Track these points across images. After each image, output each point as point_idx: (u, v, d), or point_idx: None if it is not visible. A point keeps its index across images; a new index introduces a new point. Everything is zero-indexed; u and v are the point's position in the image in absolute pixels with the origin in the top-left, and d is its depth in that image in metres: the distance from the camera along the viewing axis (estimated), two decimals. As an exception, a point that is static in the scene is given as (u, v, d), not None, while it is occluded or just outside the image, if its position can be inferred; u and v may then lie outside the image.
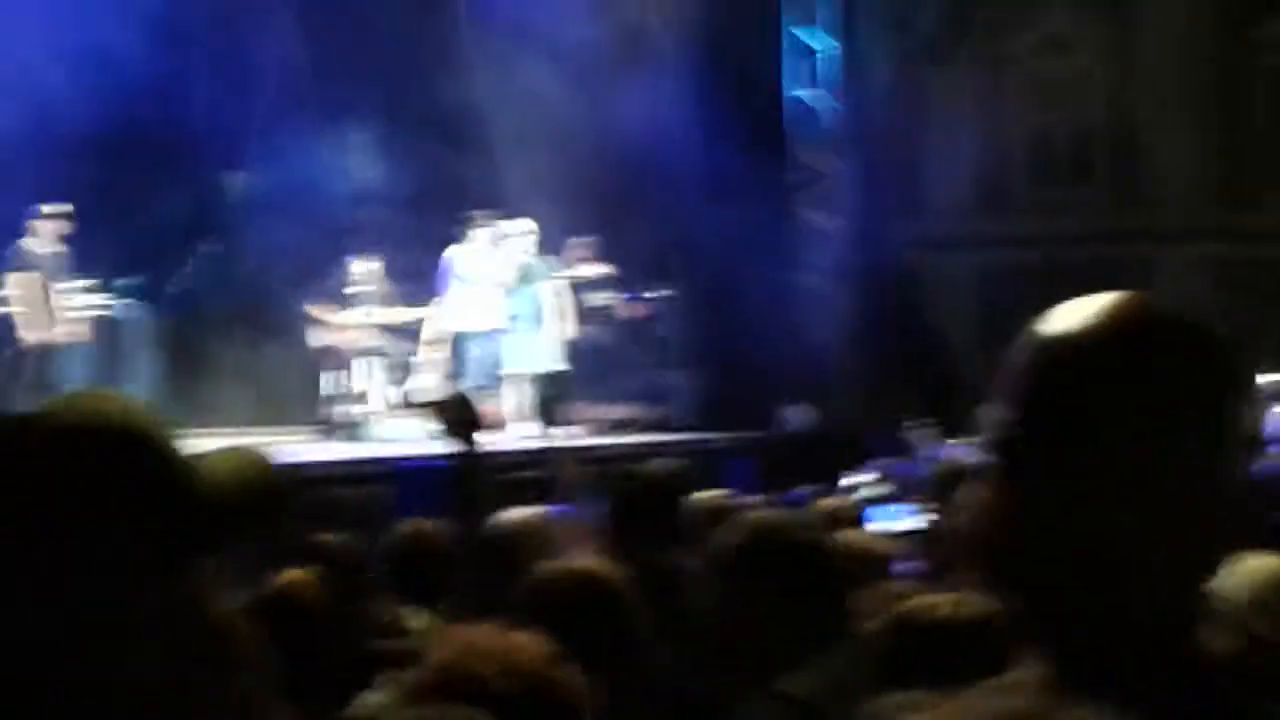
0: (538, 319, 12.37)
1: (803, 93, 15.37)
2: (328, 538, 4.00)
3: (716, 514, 4.03)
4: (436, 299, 12.68)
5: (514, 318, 12.31)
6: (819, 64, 15.32)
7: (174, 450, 1.43)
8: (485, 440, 4.22)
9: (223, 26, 13.39)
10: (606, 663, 2.50)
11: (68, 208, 10.92)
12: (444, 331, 12.48)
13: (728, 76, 13.76)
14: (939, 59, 15.28)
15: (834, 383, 14.33)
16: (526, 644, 2.12)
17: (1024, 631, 1.18)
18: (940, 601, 2.53)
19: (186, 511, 1.41)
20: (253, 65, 13.60)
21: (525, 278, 12.32)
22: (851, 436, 11.81)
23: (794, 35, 15.33)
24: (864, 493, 6.54)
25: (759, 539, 2.82)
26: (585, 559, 3.14)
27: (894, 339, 14.06)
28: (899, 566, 4.20)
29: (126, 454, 1.40)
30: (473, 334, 12.26)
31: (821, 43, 15.28)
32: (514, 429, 12.07)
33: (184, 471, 1.42)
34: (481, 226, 12.36)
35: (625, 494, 4.30)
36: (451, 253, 12.35)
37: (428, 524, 4.32)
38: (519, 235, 12.37)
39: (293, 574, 3.35)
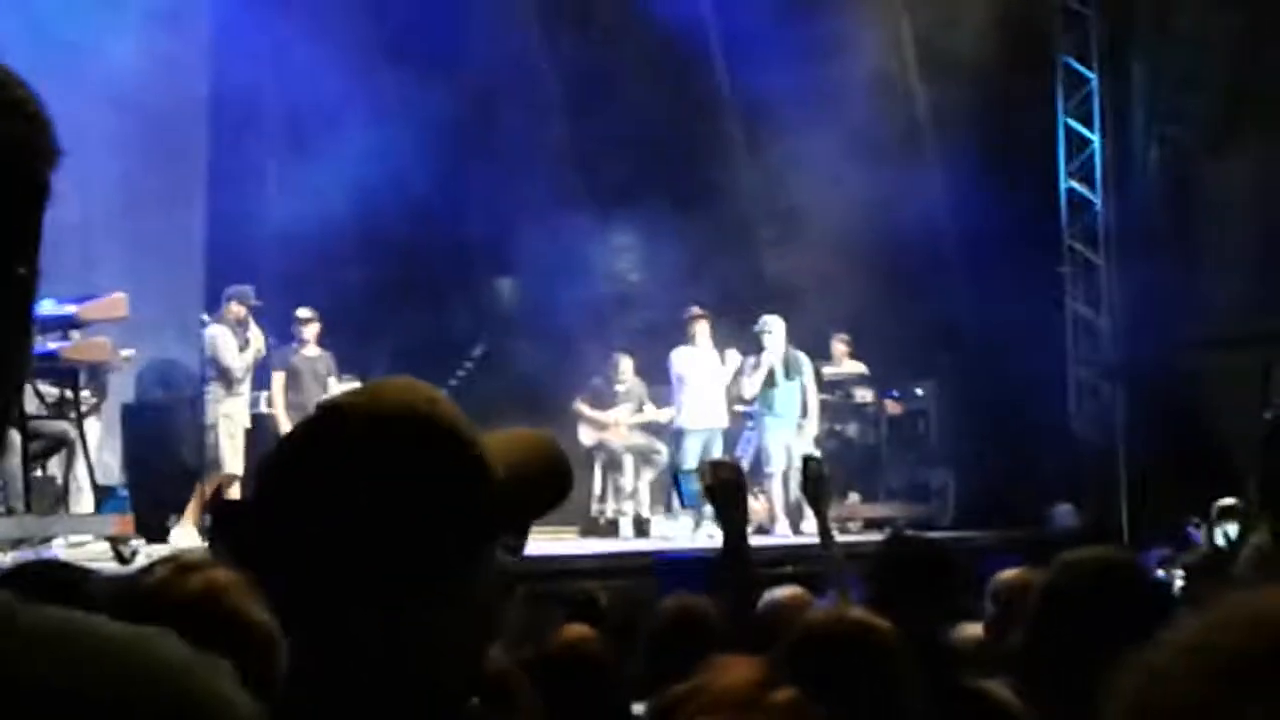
0: (800, 413, 12.43)
1: (1076, 184, 15.12)
2: (601, 594, 4.02)
3: (1023, 587, 3.88)
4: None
5: (776, 413, 12.37)
6: (1094, 155, 15.05)
7: (473, 433, 1.45)
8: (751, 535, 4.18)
9: (495, 140, 13.93)
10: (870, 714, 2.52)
11: (314, 312, 11.56)
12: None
13: (1003, 166, 13.60)
14: (1216, 149, 14.80)
15: (1103, 482, 13.90)
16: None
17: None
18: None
19: (488, 493, 1.44)
20: (521, 170, 14.11)
21: (789, 373, 12.39)
22: (1119, 537, 11.44)
23: (1069, 126, 15.12)
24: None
25: (1103, 576, 2.78)
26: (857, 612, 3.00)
27: (1168, 439, 13.57)
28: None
29: (437, 437, 1.42)
30: (693, 430, 12.37)
31: (1096, 134, 15.03)
32: (777, 525, 12.13)
33: (484, 454, 1.44)
34: (699, 320, 12.47)
35: (894, 558, 4.03)
36: (676, 353, 12.51)
37: (695, 599, 4.29)
38: (769, 332, 12.45)
39: (576, 629, 3.37)
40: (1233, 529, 9.05)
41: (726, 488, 4.13)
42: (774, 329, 12.47)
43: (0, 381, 0.84)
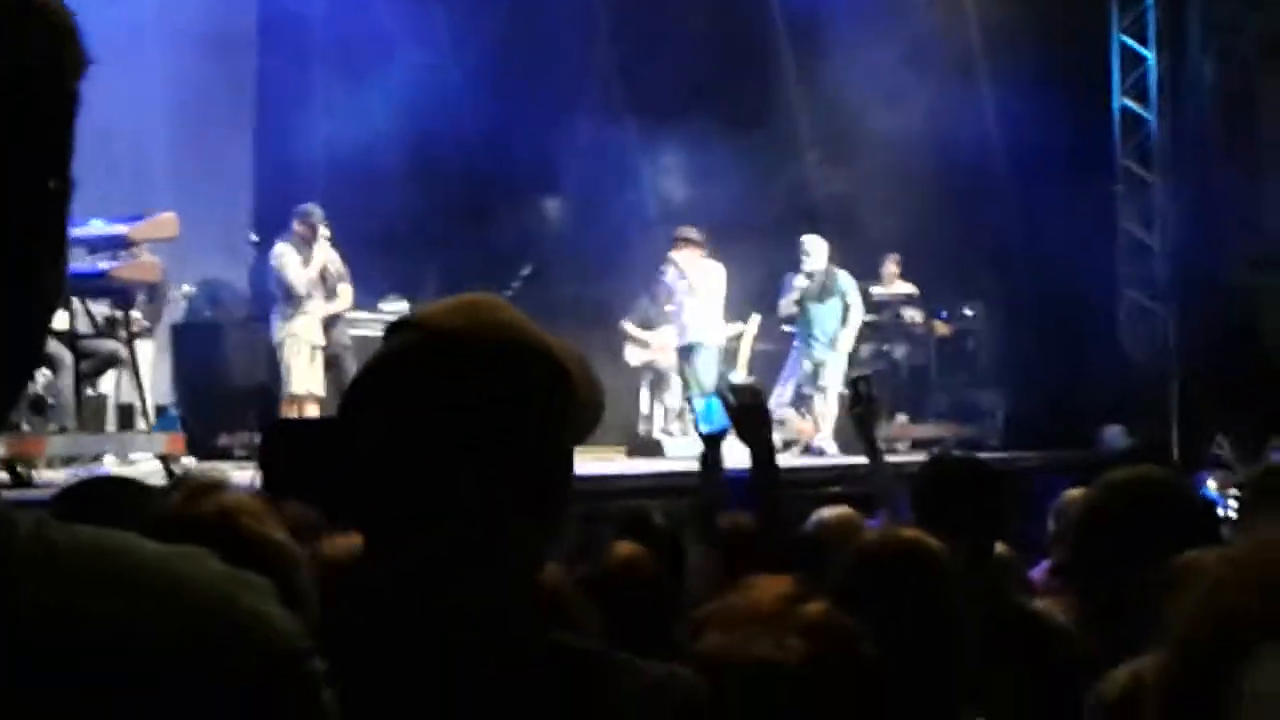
0: (839, 333, 12.33)
1: (1130, 102, 14.91)
2: (654, 513, 4.00)
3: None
4: (755, 315, 12.82)
5: (813, 334, 12.31)
6: (1149, 72, 14.82)
7: (560, 351, 1.48)
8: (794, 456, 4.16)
9: (543, 63, 13.85)
10: (917, 632, 2.53)
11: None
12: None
13: (1057, 85, 13.37)
14: (1273, 62, 14.52)
15: (1153, 403, 13.80)
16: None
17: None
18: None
19: (576, 409, 1.48)
20: (568, 90, 14.03)
21: (823, 294, 12.29)
22: (1169, 459, 11.38)
23: (1125, 44, 14.88)
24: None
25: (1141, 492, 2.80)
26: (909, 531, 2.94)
27: (1220, 359, 13.43)
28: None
29: (535, 354, 1.45)
30: (702, 346, 12.01)
31: (1151, 51, 14.79)
32: (823, 443, 12.11)
33: (572, 372, 1.48)
34: (688, 245, 11.98)
35: (938, 478, 3.92)
36: (670, 273, 12.10)
37: (745, 518, 4.18)
38: (808, 254, 12.33)
39: (628, 547, 3.38)
40: None
41: (750, 412, 4.09)
42: (813, 250, 12.35)
43: (36, 295, 0.82)
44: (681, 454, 11.62)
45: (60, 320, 7.60)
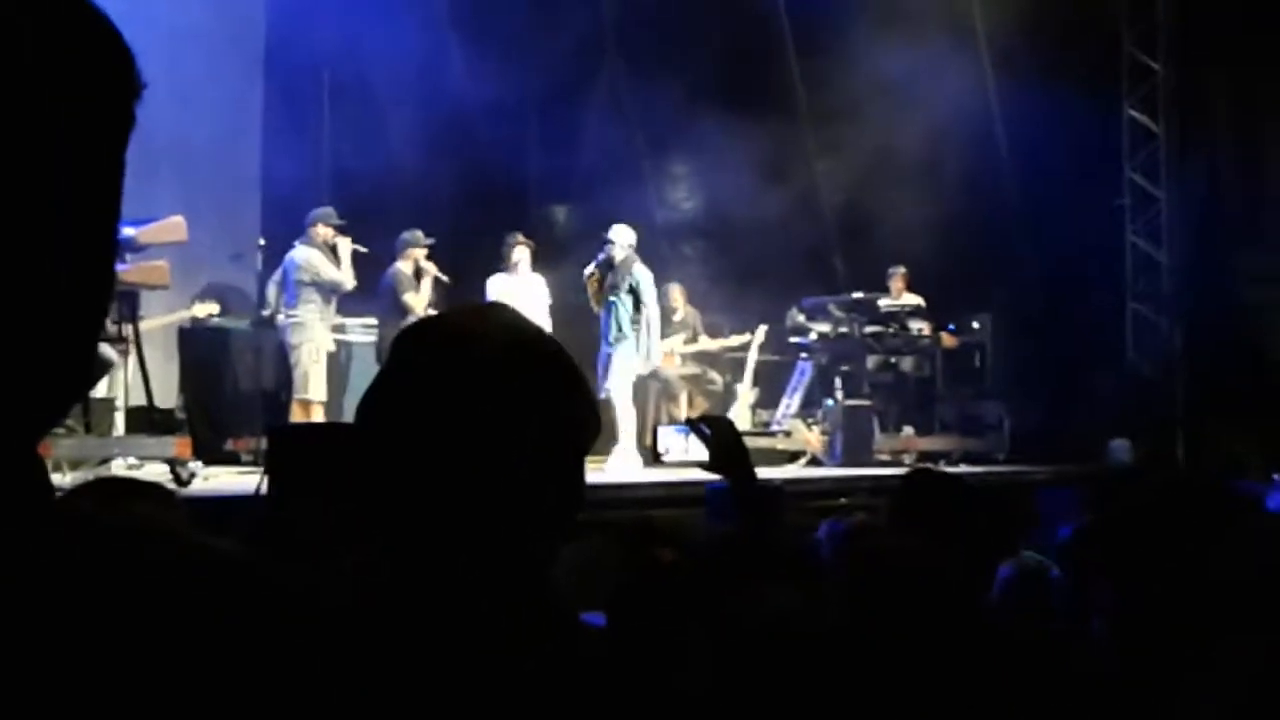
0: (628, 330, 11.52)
1: (1137, 115, 14.91)
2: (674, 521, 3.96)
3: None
4: (762, 326, 12.80)
5: (614, 325, 11.89)
6: (1158, 85, 14.83)
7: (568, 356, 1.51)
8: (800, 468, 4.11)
9: (549, 75, 13.88)
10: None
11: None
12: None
13: (1065, 98, 13.36)
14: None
15: (1159, 417, 13.79)
16: None
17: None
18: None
19: (593, 413, 1.51)
20: (576, 98, 14.06)
21: (623, 285, 11.23)
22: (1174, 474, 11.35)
23: (1133, 55, 14.89)
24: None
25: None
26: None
27: (1225, 373, 13.43)
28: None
29: (550, 358, 1.48)
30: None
31: (1160, 64, 14.80)
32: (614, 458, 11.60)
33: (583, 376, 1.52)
34: (519, 247, 11.51)
35: (913, 492, 3.95)
36: (492, 280, 11.60)
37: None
38: (611, 241, 11.29)
39: (668, 554, 3.36)
40: None
41: (730, 445, 3.55)
42: (617, 239, 11.29)
43: (97, 303, 0.86)
44: (683, 464, 11.47)
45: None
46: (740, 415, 12.73)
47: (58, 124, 0.82)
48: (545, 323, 10.87)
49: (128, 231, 8.40)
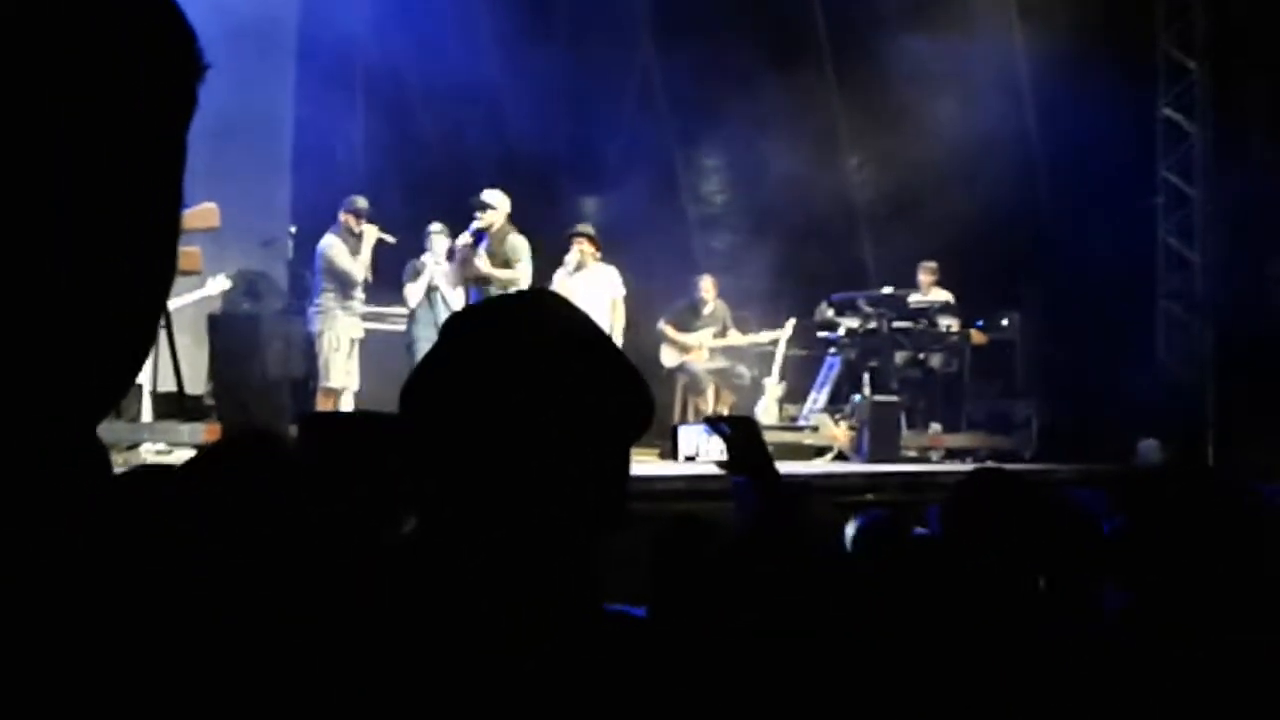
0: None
1: (1172, 114, 14.82)
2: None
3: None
4: (790, 320, 12.77)
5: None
6: (1194, 84, 14.73)
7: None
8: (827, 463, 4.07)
9: (585, 66, 13.88)
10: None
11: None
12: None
13: (1098, 96, 13.27)
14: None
15: (1189, 418, 13.71)
16: None
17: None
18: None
19: (646, 402, 1.51)
20: (608, 90, 14.04)
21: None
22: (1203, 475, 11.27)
23: (1168, 53, 14.79)
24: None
25: None
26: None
27: (1257, 374, 13.34)
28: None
29: (600, 346, 1.49)
30: None
31: (1196, 63, 14.70)
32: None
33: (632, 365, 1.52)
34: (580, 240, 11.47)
35: (978, 495, 3.61)
36: (557, 275, 11.61)
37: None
38: (493, 207, 10.85)
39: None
40: None
41: (751, 445, 3.45)
42: (495, 202, 10.78)
43: (161, 289, 0.89)
44: (710, 457, 11.60)
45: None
46: (768, 410, 12.72)
47: (124, 105, 0.83)
48: (604, 315, 10.96)
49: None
